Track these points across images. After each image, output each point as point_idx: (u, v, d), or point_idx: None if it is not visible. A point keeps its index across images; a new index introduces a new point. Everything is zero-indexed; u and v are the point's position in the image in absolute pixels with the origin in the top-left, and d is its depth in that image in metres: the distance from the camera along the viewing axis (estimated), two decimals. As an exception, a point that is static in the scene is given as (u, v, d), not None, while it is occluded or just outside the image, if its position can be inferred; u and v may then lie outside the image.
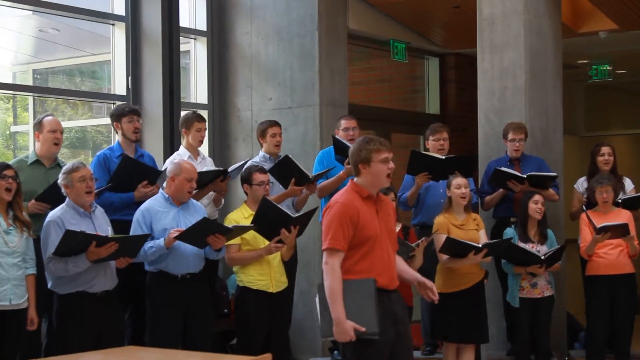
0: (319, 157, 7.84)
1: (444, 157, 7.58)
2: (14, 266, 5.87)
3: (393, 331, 5.02)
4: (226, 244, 6.59)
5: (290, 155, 7.34)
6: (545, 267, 7.23)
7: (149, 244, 6.33)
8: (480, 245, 6.85)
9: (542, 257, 7.15)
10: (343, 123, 7.79)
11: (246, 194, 6.96)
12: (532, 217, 7.34)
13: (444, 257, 6.96)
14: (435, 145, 7.87)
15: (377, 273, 4.98)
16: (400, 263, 5.28)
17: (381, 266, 5.01)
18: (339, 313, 4.88)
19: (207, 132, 7.71)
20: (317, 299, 5.06)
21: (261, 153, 7.72)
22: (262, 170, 6.95)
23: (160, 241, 6.34)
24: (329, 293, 4.93)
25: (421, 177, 7.58)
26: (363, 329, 4.87)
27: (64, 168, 6.13)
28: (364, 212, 5.01)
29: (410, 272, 5.31)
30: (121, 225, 6.53)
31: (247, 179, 6.91)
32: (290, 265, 7.13)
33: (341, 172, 7.39)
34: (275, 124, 7.74)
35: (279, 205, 6.67)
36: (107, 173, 6.83)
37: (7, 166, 5.95)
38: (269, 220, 6.56)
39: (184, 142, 7.51)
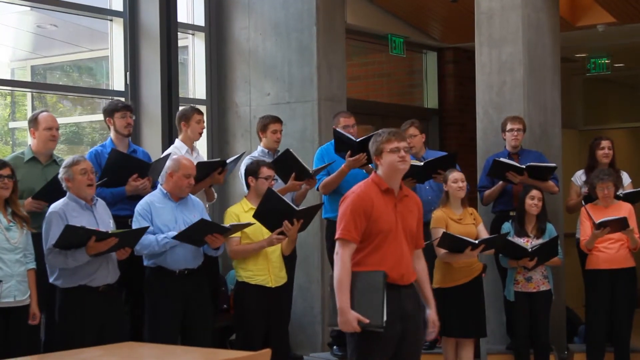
0: (319, 154, 7.81)
1: (422, 164, 7.55)
2: (16, 262, 5.88)
3: (400, 327, 5.03)
4: (227, 237, 6.62)
5: (291, 150, 7.34)
6: (538, 261, 7.23)
7: (160, 236, 6.35)
8: (477, 242, 6.85)
9: (530, 250, 7.16)
10: (342, 121, 7.75)
11: (248, 186, 6.95)
12: (528, 212, 7.36)
13: (441, 251, 6.97)
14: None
15: (388, 267, 5.00)
16: (424, 285, 5.31)
17: (393, 261, 5.03)
18: (343, 303, 4.93)
19: (205, 124, 7.68)
20: (330, 289, 5.12)
21: (260, 148, 7.72)
22: (269, 165, 6.95)
23: (173, 233, 6.36)
24: (336, 283, 4.98)
25: (407, 183, 7.56)
26: (367, 321, 4.90)
27: (65, 162, 6.13)
28: (379, 204, 5.04)
29: (429, 298, 5.33)
30: (116, 220, 6.53)
31: (253, 172, 6.89)
32: (288, 261, 7.13)
33: (342, 165, 7.37)
34: (277, 120, 7.74)
35: (283, 197, 6.67)
36: (98, 169, 6.81)
37: (4, 164, 5.93)
38: (272, 212, 6.56)
39: (181, 136, 7.48)
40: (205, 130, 9.09)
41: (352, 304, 4.93)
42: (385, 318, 4.90)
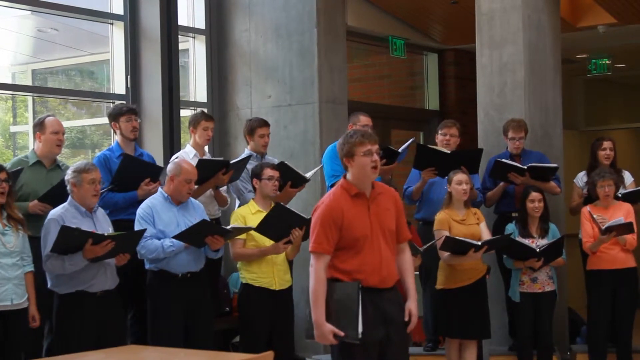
0: (334, 152, 7.73)
1: (449, 152, 7.58)
2: (13, 266, 5.87)
3: (382, 331, 4.97)
4: (232, 239, 6.64)
5: (285, 162, 7.35)
6: (544, 262, 7.23)
7: (166, 242, 6.36)
8: (479, 243, 6.84)
9: (538, 250, 7.16)
10: (362, 119, 7.63)
11: (254, 189, 6.97)
12: (531, 214, 7.36)
13: (444, 254, 6.96)
14: (442, 140, 7.85)
15: (367, 273, 4.94)
16: (408, 274, 5.22)
17: (371, 265, 4.95)
18: (318, 316, 4.88)
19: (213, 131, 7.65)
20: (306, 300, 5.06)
21: (247, 151, 7.67)
22: (273, 166, 6.97)
23: (180, 242, 6.37)
24: (311, 296, 4.92)
25: (427, 173, 7.57)
26: (342, 334, 4.85)
27: (75, 166, 6.10)
28: (350, 212, 4.95)
29: (410, 300, 5.19)
30: (126, 224, 6.54)
31: (257, 174, 6.93)
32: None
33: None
34: (265, 124, 7.65)
35: (294, 210, 6.69)
36: (108, 174, 6.82)
37: (0, 168, 5.92)
38: (279, 224, 6.59)
39: (191, 140, 7.50)
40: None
41: (327, 316, 4.88)
42: (360, 330, 4.85)
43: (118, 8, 8.64)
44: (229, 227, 6.56)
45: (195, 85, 9.42)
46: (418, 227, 7.78)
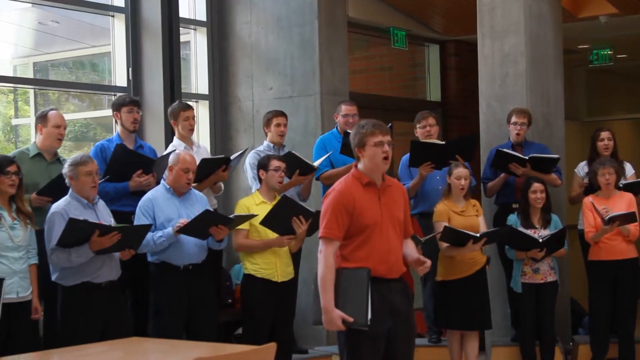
0: (320, 144, 7.81)
1: (444, 143, 7.56)
2: (19, 259, 5.90)
3: (390, 322, 4.96)
4: (235, 228, 6.65)
5: (292, 151, 7.37)
6: (546, 252, 7.24)
7: (157, 234, 6.36)
8: (478, 235, 6.84)
9: (540, 241, 7.16)
10: (343, 109, 7.77)
11: (260, 180, 6.97)
12: (533, 205, 7.36)
13: (444, 245, 6.97)
14: (422, 133, 7.83)
15: (375, 261, 4.93)
16: (410, 248, 5.21)
17: (380, 254, 4.95)
18: (327, 302, 4.86)
19: (195, 119, 7.59)
20: (313, 287, 5.05)
21: (265, 142, 7.73)
22: (279, 157, 6.99)
23: (169, 230, 6.36)
24: (320, 282, 4.90)
25: (424, 168, 7.54)
26: (351, 320, 4.83)
27: (72, 159, 6.12)
28: (362, 199, 4.95)
29: (413, 255, 5.18)
30: (120, 216, 6.53)
31: (264, 165, 6.93)
32: (293, 256, 7.14)
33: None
34: (281, 114, 7.74)
35: (299, 202, 6.70)
36: (103, 163, 6.82)
37: (11, 161, 5.95)
38: (285, 218, 6.60)
39: (177, 133, 7.48)
40: (207, 125, 9.15)
41: (336, 302, 4.87)
42: (369, 316, 4.83)
43: (119, 0, 8.63)
44: (231, 216, 6.56)
45: (197, 77, 9.41)
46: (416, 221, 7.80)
